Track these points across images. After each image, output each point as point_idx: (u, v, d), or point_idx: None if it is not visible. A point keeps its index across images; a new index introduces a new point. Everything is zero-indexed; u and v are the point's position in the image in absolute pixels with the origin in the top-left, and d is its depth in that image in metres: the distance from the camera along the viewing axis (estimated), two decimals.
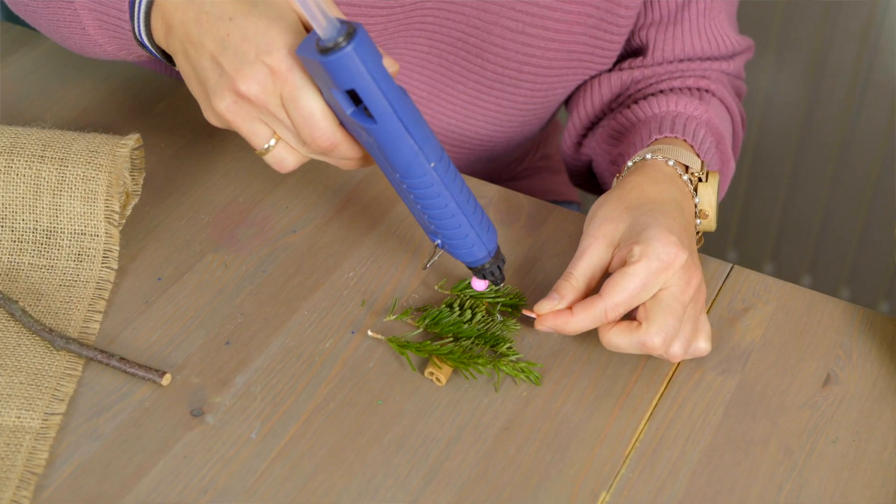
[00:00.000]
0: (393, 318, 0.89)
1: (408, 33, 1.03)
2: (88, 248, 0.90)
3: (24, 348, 0.84)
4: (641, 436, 0.83)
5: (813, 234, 1.84)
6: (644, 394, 0.85)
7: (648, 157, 0.93)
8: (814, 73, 1.68)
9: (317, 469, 0.79)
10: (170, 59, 0.85)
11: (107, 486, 0.77)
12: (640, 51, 1.08)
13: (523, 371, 0.85)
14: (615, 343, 0.83)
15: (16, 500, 0.75)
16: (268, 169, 1.01)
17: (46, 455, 0.78)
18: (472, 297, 0.90)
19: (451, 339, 0.87)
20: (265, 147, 0.80)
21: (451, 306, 0.89)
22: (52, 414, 0.80)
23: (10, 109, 1.07)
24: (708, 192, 0.92)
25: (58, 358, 0.84)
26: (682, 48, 1.06)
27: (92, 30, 0.91)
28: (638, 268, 0.82)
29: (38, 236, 0.90)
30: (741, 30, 1.14)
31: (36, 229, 0.90)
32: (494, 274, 0.86)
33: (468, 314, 0.88)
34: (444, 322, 0.87)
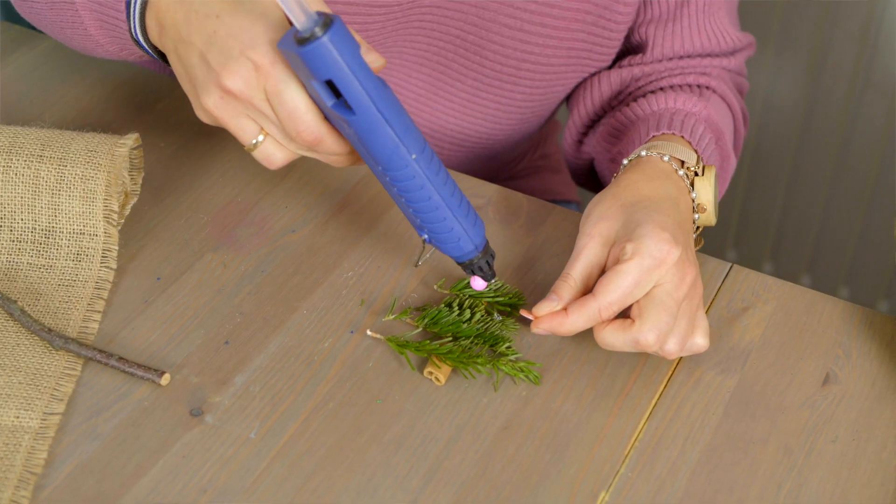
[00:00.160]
0: (392, 317, 0.89)
1: (406, 32, 1.03)
2: (87, 247, 0.90)
3: (23, 348, 0.84)
4: (641, 435, 0.83)
5: (812, 234, 1.84)
6: (643, 393, 0.85)
7: (644, 153, 0.93)
8: (813, 72, 1.68)
9: (316, 468, 0.79)
10: (166, 58, 0.85)
11: (106, 485, 0.77)
12: (639, 48, 1.08)
13: (522, 370, 0.85)
14: (609, 341, 0.83)
15: (15, 500, 0.75)
16: (267, 169, 1.01)
17: (45, 455, 0.78)
18: (471, 296, 0.90)
19: (451, 339, 0.87)
20: (253, 143, 0.80)
21: (450, 306, 0.89)
22: (50, 414, 0.80)
23: (9, 109, 1.07)
24: (705, 186, 0.92)
25: (57, 358, 0.84)
26: (681, 45, 1.06)
27: (93, 30, 0.91)
28: (630, 266, 0.82)
29: (36, 236, 0.90)
30: (741, 29, 1.14)
31: (35, 229, 0.90)
32: (483, 269, 0.86)
33: (467, 314, 0.88)
34: (443, 321, 0.87)
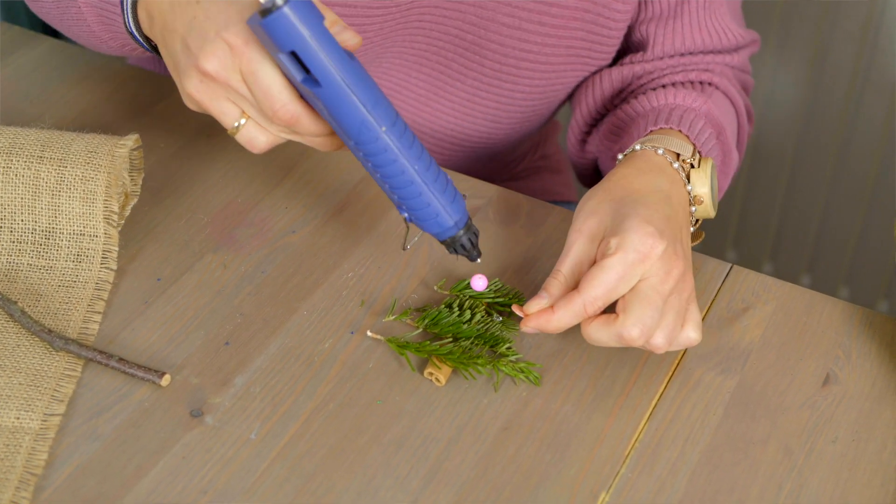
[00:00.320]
0: (392, 318, 0.89)
1: (405, 32, 1.03)
2: (87, 248, 0.90)
3: (24, 349, 0.84)
4: (641, 436, 0.83)
5: (812, 234, 1.84)
6: (643, 394, 0.85)
7: (637, 147, 0.93)
8: (813, 72, 1.68)
9: (316, 469, 0.79)
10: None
11: (106, 486, 0.77)
12: (640, 45, 1.07)
13: (523, 371, 0.85)
14: (595, 337, 0.83)
15: (15, 501, 0.75)
16: (267, 169, 1.01)
17: (46, 456, 0.78)
18: (471, 297, 0.90)
19: (451, 340, 0.87)
20: (235, 126, 0.80)
21: (450, 306, 0.89)
22: (51, 415, 0.80)
23: (9, 110, 1.07)
24: (701, 178, 0.92)
25: (57, 359, 0.84)
26: (682, 42, 1.05)
27: (95, 26, 0.92)
28: (613, 260, 0.82)
29: (36, 237, 0.90)
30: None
31: (35, 230, 0.90)
32: (466, 247, 0.84)
33: (467, 314, 0.88)
34: (443, 322, 0.87)
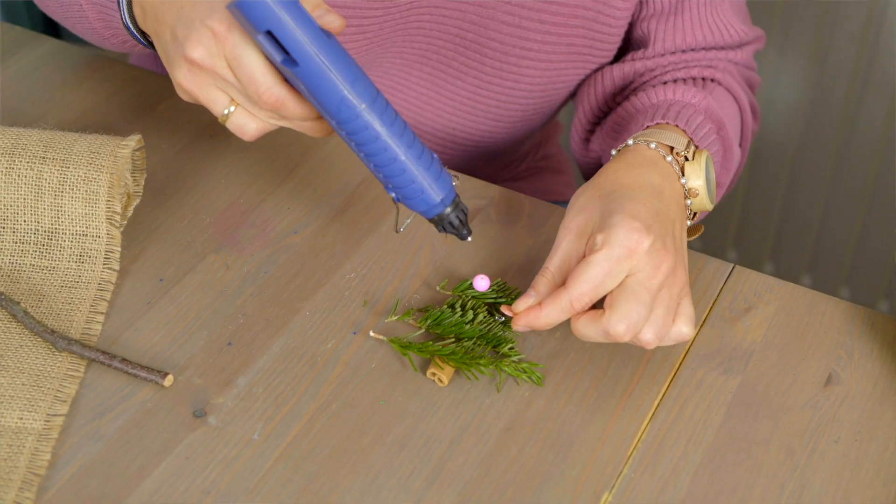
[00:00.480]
0: (395, 318, 0.89)
1: (405, 32, 1.03)
2: (90, 249, 0.90)
3: (27, 350, 0.84)
4: (643, 436, 0.83)
5: (812, 234, 1.84)
6: (646, 394, 0.85)
7: (630, 142, 0.92)
8: (814, 73, 1.68)
9: (319, 470, 0.79)
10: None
11: (109, 487, 0.77)
12: (642, 42, 1.07)
13: (525, 372, 0.85)
14: (583, 333, 0.82)
15: (18, 502, 0.75)
16: (269, 170, 1.01)
17: (49, 456, 0.78)
18: (473, 297, 0.90)
19: (453, 340, 0.87)
20: (224, 113, 0.81)
21: (452, 307, 0.89)
22: (54, 415, 0.80)
23: (12, 111, 1.07)
24: (696, 171, 0.91)
25: (60, 359, 0.84)
26: (683, 38, 1.05)
27: (96, 23, 0.92)
28: (599, 256, 0.81)
29: (39, 237, 0.90)
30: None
31: (37, 230, 0.90)
32: (454, 224, 0.83)
33: (470, 315, 0.88)
34: (445, 323, 0.87)
